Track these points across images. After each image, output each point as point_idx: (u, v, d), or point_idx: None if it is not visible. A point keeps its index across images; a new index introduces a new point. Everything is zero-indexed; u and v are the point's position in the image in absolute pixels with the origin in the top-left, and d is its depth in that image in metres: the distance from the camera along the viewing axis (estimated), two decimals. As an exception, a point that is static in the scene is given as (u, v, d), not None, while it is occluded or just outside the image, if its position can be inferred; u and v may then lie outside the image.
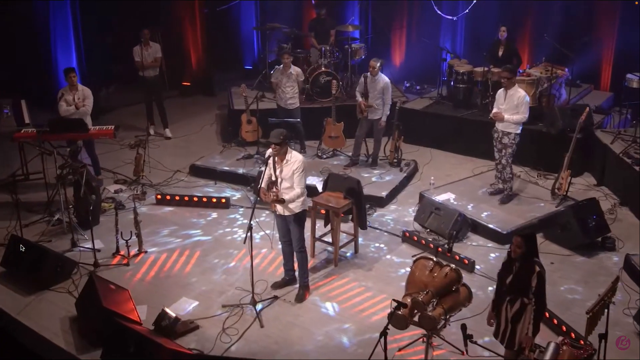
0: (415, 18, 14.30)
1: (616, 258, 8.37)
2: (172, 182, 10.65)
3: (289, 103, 11.00)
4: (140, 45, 11.85)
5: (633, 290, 7.67)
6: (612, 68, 12.59)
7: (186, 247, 8.79)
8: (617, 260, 8.35)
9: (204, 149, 11.81)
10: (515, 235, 5.62)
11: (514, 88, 9.03)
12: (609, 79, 12.69)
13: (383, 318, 7.25)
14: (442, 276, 5.96)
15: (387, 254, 8.63)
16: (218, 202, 9.82)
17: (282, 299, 7.67)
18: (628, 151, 9.76)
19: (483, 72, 11.44)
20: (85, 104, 10.06)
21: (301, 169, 7.18)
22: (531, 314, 5.64)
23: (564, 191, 9.33)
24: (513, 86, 9.03)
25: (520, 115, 8.97)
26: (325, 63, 12.25)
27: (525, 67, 11.76)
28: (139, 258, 8.53)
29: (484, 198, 9.68)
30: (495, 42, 11.70)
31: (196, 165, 10.95)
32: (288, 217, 7.41)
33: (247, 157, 11.12)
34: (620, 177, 9.82)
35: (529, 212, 9.21)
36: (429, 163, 11.24)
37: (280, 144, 7.08)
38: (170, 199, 9.90)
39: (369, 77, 10.30)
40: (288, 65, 10.85)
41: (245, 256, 8.52)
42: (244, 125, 11.38)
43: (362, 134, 10.67)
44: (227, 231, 9.24)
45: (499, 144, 9.35)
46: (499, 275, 5.87)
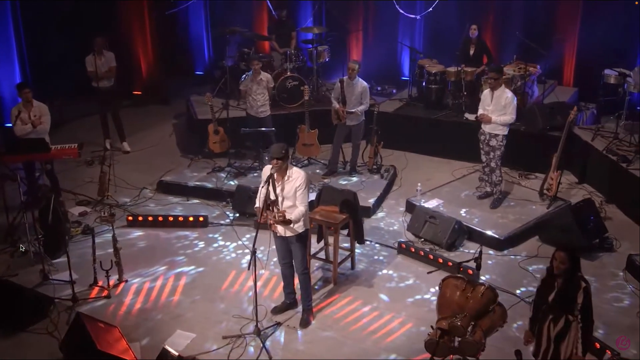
0: (372, 18, 13.95)
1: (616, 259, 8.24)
2: (140, 200, 9.92)
3: (260, 111, 10.43)
4: (94, 54, 11.02)
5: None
6: (574, 63, 12.56)
7: (169, 273, 8.15)
8: (618, 261, 8.21)
9: (168, 162, 11.10)
10: (558, 251, 5.30)
11: (501, 89, 8.78)
12: (572, 75, 12.67)
13: (397, 339, 6.93)
14: (477, 296, 5.59)
15: (385, 268, 8.23)
16: (196, 220, 9.19)
17: (285, 325, 7.16)
18: (611, 148, 9.68)
19: (456, 72, 11.18)
20: (42, 121, 9.24)
21: (304, 185, 6.69)
22: (576, 332, 5.33)
23: (554, 192, 9.15)
24: (500, 87, 8.78)
25: (508, 116, 8.73)
26: (291, 67, 11.74)
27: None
28: (120, 288, 7.84)
29: (473, 202, 9.41)
30: (465, 40, 11.48)
31: (164, 181, 10.25)
32: (290, 238, 6.90)
33: (218, 170, 10.50)
34: (605, 175, 9.73)
35: (523, 216, 8.99)
36: (407, 167, 10.91)
37: (282, 159, 6.55)
38: (143, 220, 9.19)
39: (346, 81, 9.86)
40: (258, 72, 10.29)
41: (236, 280, 8.01)
42: (211, 136, 10.75)
43: (340, 140, 10.23)
44: (211, 252, 8.65)
45: (486, 146, 9.09)
46: (538, 293, 5.55)
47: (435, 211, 8.80)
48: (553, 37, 12.03)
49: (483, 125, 9.02)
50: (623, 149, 9.68)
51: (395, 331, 7.03)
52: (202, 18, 14.68)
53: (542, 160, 10.19)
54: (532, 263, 8.23)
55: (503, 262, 8.29)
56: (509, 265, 8.21)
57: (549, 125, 10.26)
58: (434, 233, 8.52)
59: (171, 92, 14.13)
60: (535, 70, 11.16)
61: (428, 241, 8.59)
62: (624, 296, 7.58)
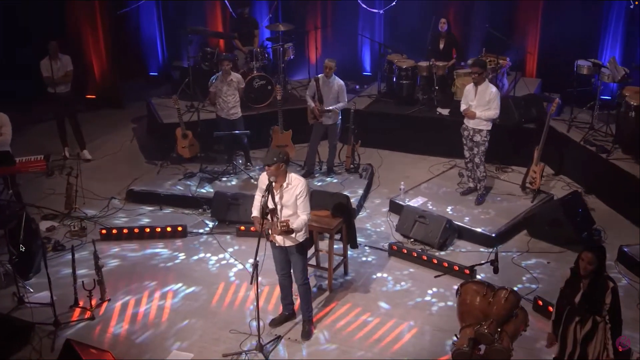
0: (331, 13, 13.67)
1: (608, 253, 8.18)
2: (110, 211, 9.40)
3: (231, 113, 10.03)
4: (49, 58, 10.39)
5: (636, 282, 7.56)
6: (537, 55, 12.61)
7: (154, 288, 7.71)
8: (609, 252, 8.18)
9: (134, 170, 10.58)
10: (585, 252, 5.16)
11: (485, 83, 8.68)
12: (535, 66, 12.71)
13: (405, 345, 6.71)
14: (500, 301, 5.42)
15: (378, 271, 8.01)
16: (174, 231, 8.74)
17: (287, 338, 6.85)
18: (588, 139, 9.70)
19: (428, 67, 11.03)
20: (2, 132, 8.63)
21: (305, 192, 6.38)
22: (604, 333, 5.22)
23: (538, 185, 9.10)
24: (483, 82, 8.66)
25: (492, 111, 8.63)
26: (257, 66, 11.36)
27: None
28: (103, 308, 7.37)
29: (457, 199, 9.30)
30: (435, 34, 11.35)
31: (134, 190, 9.74)
32: (289, 248, 6.59)
33: (190, 176, 10.05)
34: (583, 166, 9.75)
35: (509, 211, 8.92)
36: (382, 165, 10.69)
37: (276, 166, 6.21)
38: (118, 232, 8.69)
39: (322, 79, 9.58)
40: (228, 72, 9.88)
41: (226, 293, 7.65)
42: (180, 141, 10.31)
43: (316, 140, 9.94)
44: (194, 263, 8.24)
45: (469, 142, 8.98)
46: (562, 295, 5.41)
47: (424, 211, 8.61)
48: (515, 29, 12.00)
49: (466, 120, 8.89)
50: (599, 139, 9.72)
51: (401, 338, 6.81)
52: (154, 17, 14.07)
53: (518, 153, 10.20)
54: (525, 259, 8.14)
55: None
56: (502, 263, 8.03)
57: (525, 117, 10.23)
58: (424, 233, 8.35)
59: (125, 95, 13.52)
60: (505, 63, 11.13)
61: (418, 241, 8.41)
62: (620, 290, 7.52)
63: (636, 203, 8.74)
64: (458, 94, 10.73)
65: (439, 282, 7.64)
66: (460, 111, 10.45)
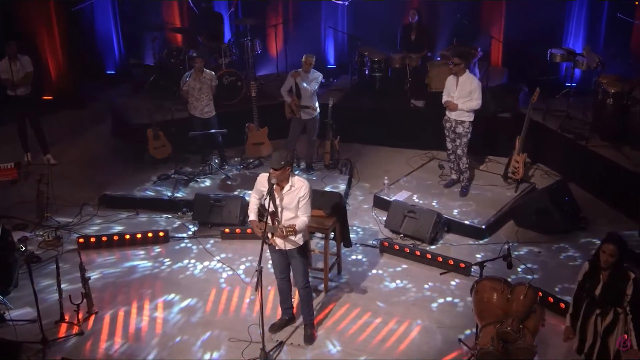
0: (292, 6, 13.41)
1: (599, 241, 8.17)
2: (84, 218, 8.98)
3: (205, 112, 9.73)
4: (7, 59, 9.85)
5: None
6: (502, 44, 12.64)
7: (142, 298, 7.39)
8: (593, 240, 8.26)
9: (102, 173, 10.17)
10: (606, 243, 5.11)
11: (466, 74, 8.62)
12: (500, 56, 12.75)
13: (410, 345, 6.61)
14: (519, 298, 5.34)
15: (372, 269, 7.87)
16: (155, 236, 8.41)
17: (289, 344, 6.64)
18: (566, 127, 9.76)
19: (401, 59, 10.92)
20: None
21: (309, 195, 6.16)
22: (625, 325, 5.20)
23: (521, 175, 9.11)
24: (464, 72, 8.60)
25: (474, 102, 8.59)
26: (226, 62, 11.06)
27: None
28: (91, 322, 7.01)
29: (442, 192, 9.24)
30: (405, 26, 11.26)
31: (108, 194, 9.33)
32: (290, 252, 6.37)
33: (165, 178, 9.70)
34: (560, 153, 9.80)
35: (495, 201, 8.91)
36: (359, 160, 10.55)
37: (283, 169, 6.00)
38: (97, 240, 8.31)
39: (300, 74, 9.35)
40: (201, 70, 9.57)
41: (219, 299, 7.39)
42: (151, 142, 9.95)
43: (295, 136, 9.72)
44: (179, 270, 7.93)
45: (451, 133, 8.92)
46: (580, 287, 5.36)
47: (413, 205, 8.51)
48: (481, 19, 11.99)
49: (448, 112, 8.83)
50: (576, 126, 9.78)
51: (405, 337, 6.70)
52: (109, 14, 13.55)
53: (494, 143, 10.21)
54: (516, 249, 8.11)
55: (488, 251, 8.13)
56: (494, 254, 7.99)
57: (500, 107, 10.24)
58: (414, 228, 8.25)
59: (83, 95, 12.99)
60: (477, 53, 11.10)
61: (409, 237, 8.31)
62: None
63: (617, 189, 8.85)
64: (432, 85, 10.66)
65: (435, 277, 7.59)
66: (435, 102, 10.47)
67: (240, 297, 7.37)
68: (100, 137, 11.63)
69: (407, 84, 10.95)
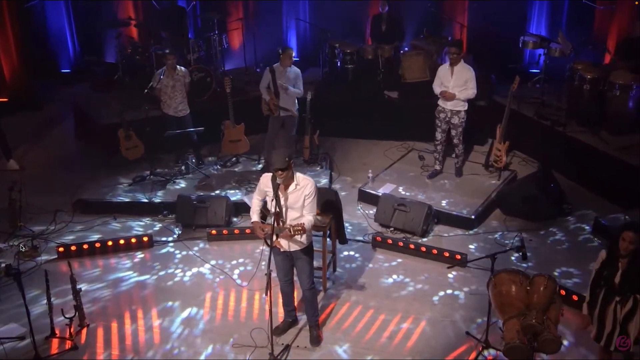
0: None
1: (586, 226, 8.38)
2: (59, 226, 8.57)
3: (179, 110, 9.43)
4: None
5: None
6: (467, 31, 12.68)
7: (134, 307, 7.09)
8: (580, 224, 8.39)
9: (72, 177, 9.73)
10: (627, 231, 5.12)
11: (461, 64, 8.60)
12: (465, 43, 12.77)
13: (418, 341, 6.53)
14: (539, 289, 5.31)
15: (366, 264, 7.77)
16: (139, 241, 8.09)
17: (295, 347, 6.47)
18: (541, 113, 9.84)
19: (374, 50, 10.82)
20: None
21: (314, 193, 6.00)
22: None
23: (504, 163, 9.14)
24: (460, 62, 8.56)
25: (470, 90, 8.59)
26: (195, 58, 10.74)
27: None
28: (84, 335, 6.68)
29: (426, 183, 9.20)
30: (375, 16, 11.16)
31: (83, 200, 8.94)
32: (295, 253, 6.20)
33: (140, 180, 9.36)
34: (537, 140, 9.87)
35: (481, 191, 8.93)
36: (336, 153, 10.40)
37: (287, 169, 5.82)
38: (77, 249, 7.94)
39: (278, 68, 9.14)
40: (173, 67, 9.26)
41: (215, 304, 7.17)
42: (123, 142, 9.58)
43: (274, 133, 9.50)
44: (169, 275, 7.65)
45: (444, 124, 8.89)
46: (598, 276, 5.36)
47: (402, 198, 8.43)
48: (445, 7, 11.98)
49: (442, 102, 8.79)
50: (551, 113, 9.87)
51: (411, 333, 6.62)
52: (62, 11, 12.99)
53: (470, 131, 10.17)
54: (506, 238, 8.13)
55: (479, 241, 8.13)
56: (486, 244, 8.07)
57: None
58: (405, 221, 8.17)
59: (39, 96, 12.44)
60: (447, 42, 11.09)
61: (399, 230, 8.23)
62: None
63: (597, 174, 8.97)
64: (406, 75, 10.61)
65: (431, 270, 7.58)
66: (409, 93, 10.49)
67: (237, 301, 7.16)
68: (62, 139, 11.16)
69: (380, 75, 10.85)
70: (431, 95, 9.60)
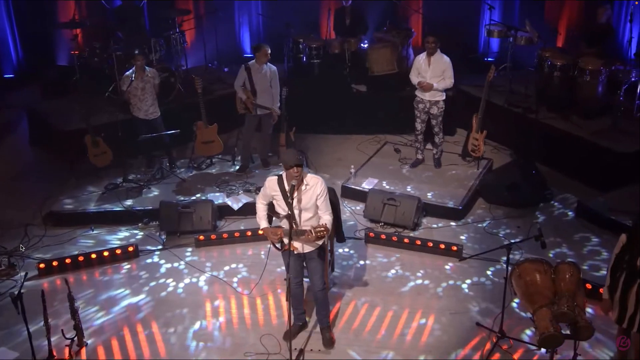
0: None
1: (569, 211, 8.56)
2: (33, 241, 8.10)
3: (150, 113, 9.08)
4: None
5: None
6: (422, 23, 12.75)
7: (132, 322, 6.77)
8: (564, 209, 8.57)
9: (36, 188, 9.23)
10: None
11: (438, 53, 8.59)
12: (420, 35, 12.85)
13: (431, 336, 6.48)
14: (565, 277, 5.36)
15: (363, 261, 7.69)
16: (124, 252, 7.74)
17: (308, 350, 6.33)
18: (511, 101, 9.98)
19: (340, 44, 10.71)
20: None
21: (326, 191, 5.89)
22: (665, 293, 5.35)
23: (482, 152, 9.22)
24: (437, 51, 8.55)
25: (448, 80, 8.62)
26: (157, 58, 10.37)
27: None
28: (83, 354, 6.34)
29: (407, 176, 9.19)
30: (339, 10, 11.05)
31: (55, 211, 8.49)
32: (309, 254, 6.06)
33: (113, 188, 8.95)
34: (509, 128, 10.01)
35: (462, 180, 8.99)
36: (309, 150, 10.25)
37: (302, 166, 5.69)
38: (60, 264, 7.52)
39: (254, 66, 8.90)
40: (142, 68, 8.90)
41: (217, 311, 6.93)
42: (91, 149, 9.12)
43: (250, 132, 9.27)
44: (160, 285, 7.35)
45: (423, 114, 8.90)
46: (618, 260, 5.44)
47: (391, 192, 8.38)
48: None
49: (420, 93, 8.78)
50: (521, 100, 10.02)
51: (423, 328, 6.58)
52: (2, 14, 12.31)
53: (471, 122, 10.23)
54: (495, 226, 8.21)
55: (469, 231, 8.18)
56: (477, 233, 8.13)
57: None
58: (396, 215, 8.13)
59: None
60: (411, 34, 11.13)
61: (389, 224, 8.18)
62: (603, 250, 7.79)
63: (572, 158, 9.16)
64: (374, 69, 10.56)
65: (428, 264, 7.59)
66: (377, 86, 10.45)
67: (240, 308, 6.94)
68: (16, 148, 10.57)
69: (347, 70, 10.76)
70: (399, 87, 9.65)
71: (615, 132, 9.07)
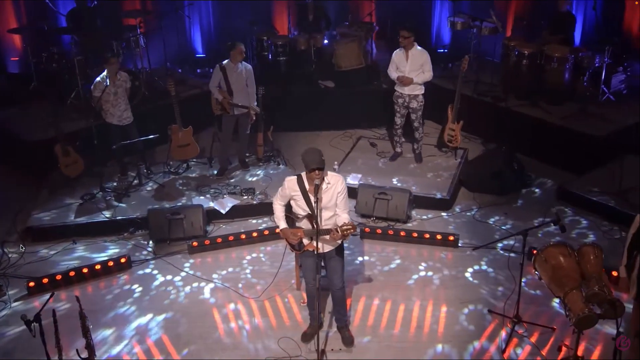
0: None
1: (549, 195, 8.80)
2: (14, 259, 7.69)
3: (123, 118, 8.78)
4: None
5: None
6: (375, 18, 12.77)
7: (142, 336, 6.53)
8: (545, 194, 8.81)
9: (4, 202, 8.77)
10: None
11: (415, 47, 8.62)
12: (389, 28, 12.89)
13: (447, 326, 6.55)
14: (590, 258, 5.49)
15: (361, 257, 7.69)
16: (117, 264, 7.45)
17: (329, 350, 6.27)
18: (479, 91, 10.17)
19: (307, 40, 10.63)
20: None
21: (346, 189, 5.84)
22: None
23: (459, 142, 9.36)
24: (413, 46, 8.60)
25: (427, 73, 8.67)
26: (121, 60, 10.00)
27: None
28: (98, 376, 6.07)
29: (389, 170, 9.23)
30: (301, 6, 10.97)
31: (33, 226, 8.07)
32: (328, 253, 6.02)
33: (90, 198, 8.60)
34: (477, 117, 10.15)
35: (444, 170, 9.10)
36: (282, 148, 10.10)
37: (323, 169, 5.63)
38: (50, 280, 7.16)
39: (229, 66, 8.72)
40: (115, 72, 8.57)
41: (227, 318, 6.79)
42: (62, 159, 8.72)
43: (229, 133, 9.09)
44: (161, 294, 7.13)
45: (403, 109, 8.93)
46: (635, 238, 5.63)
47: (381, 187, 8.39)
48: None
49: (399, 87, 8.81)
50: (488, 89, 10.23)
51: (437, 319, 6.63)
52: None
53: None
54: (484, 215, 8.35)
55: (459, 220, 8.30)
56: (468, 222, 8.25)
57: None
58: (388, 209, 8.16)
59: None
60: (374, 28, 11.18)
61: (381, 219, 8.21)
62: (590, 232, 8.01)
63: (545, 144, 9.42)
64: (341, 64, 10.55)
65: (425, 255, 7.67)
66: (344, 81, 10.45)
67: (249, 313, 6.80)
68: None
69: (313, 66, 10.70)
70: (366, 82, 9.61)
71: (584, 116, 9.38)
